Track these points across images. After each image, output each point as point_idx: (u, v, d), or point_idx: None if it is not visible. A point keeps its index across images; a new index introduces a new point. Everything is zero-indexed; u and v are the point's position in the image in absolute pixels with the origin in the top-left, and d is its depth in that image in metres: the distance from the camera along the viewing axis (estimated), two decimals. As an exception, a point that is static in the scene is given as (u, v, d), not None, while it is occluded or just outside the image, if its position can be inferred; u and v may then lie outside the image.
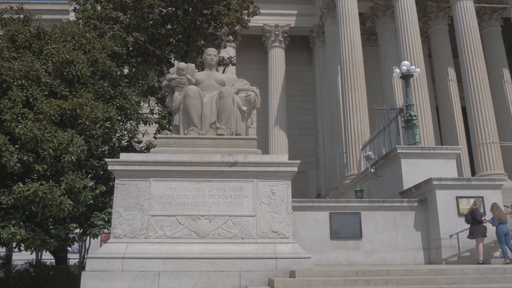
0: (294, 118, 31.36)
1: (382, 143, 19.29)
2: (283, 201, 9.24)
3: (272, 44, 30.84)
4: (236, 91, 10.35)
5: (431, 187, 13.30)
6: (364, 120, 23.55)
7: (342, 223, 13.18)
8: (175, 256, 8.59)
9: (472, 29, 24.94)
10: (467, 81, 24.44)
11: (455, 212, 13.04)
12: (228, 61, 18.47)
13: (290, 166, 9.39)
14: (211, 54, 10.81)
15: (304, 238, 12.78)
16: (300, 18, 31.29)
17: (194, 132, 9.86)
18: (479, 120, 23.61)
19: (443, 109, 26.99)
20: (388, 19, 27.94)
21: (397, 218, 13.46)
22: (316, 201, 14.08)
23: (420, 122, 22.11)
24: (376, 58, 28.89)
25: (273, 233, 9.08)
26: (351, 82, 23.95)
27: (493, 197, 13.18)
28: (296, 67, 32.78)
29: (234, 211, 9.11)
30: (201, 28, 17.22)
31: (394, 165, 15.91)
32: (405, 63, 17.84)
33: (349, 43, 24.55)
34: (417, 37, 24.48)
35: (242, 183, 9.26)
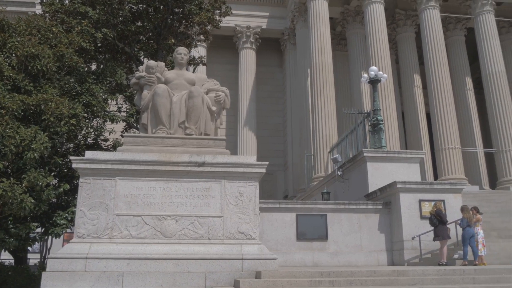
0: (263, 120, 31.48)
1: (349, 146, 19.63)
2: (251, 202, 9.27)
3: (243, 45, 30.88)
4: (206, 91, 10.31)
5: (395, 190, 13.62)
6: (332, 123, 23.87)
7: (308, 225, 13.34)
8: (140, 257, 8.48)
9: (438, 38, 25.70)
10: (432, 88, 25.15)
11: (418, 215, 13.40)
12: (198, 61, 18.36)
13: (258, 167, 9.43)
14: (181, 53, 10.74)
15: (270, 239, 12.85)
16: (271, 20, 31.45)
17: (162, 131, 9.76)
18: (442, 126, 24.33)
19: (409, 114, 27.65)
20: (358, 24, 28.44)
21: (362, 220, 13.72)
22: (283, 203, 14.19)
23: (386, 126, 22.60)
24: (345, 63, 29.34)
25: (240, 234, 9.09)
26: (321, 86, 24.23)
27: (454, 200, 13.61)
28: (267, 69, 32.92)
29: (201, 211, 9.08)
30: (172, 27, 17.05)
31: (360, 168, 16.21)
32: (373, 68, 18.20)
33: (319, 47, 24.84)
34: (385, 43, 25.02)
35: (210, 184, 9.24)
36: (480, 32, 26.87)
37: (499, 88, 25.58)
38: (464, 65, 28.97)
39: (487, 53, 26.34)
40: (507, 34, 30.33)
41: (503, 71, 26.07)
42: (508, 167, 24.51)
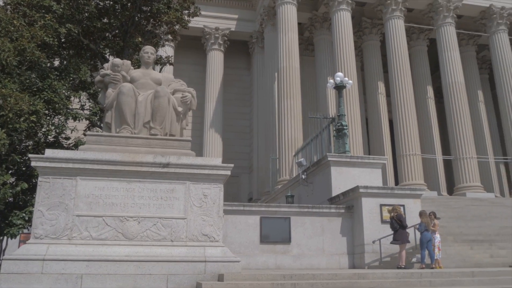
0: (230, 122, 31.46)
1: (314, 150, 19.88)
2: (215, 204, 9.23)
3: (211, 46, 30.78)
4: (172, 91, 10.20)
5: (357, 194, 13.89)
6: (298, 127, 24.11)
7: (272, 228, 13.41)
8: (100, 259, 8.29)
9: (402, 47, 26.44)
10: (395, 95, 25.84)
11: (379, 219, 13.71)
12: (165, 60, 18.16)
13: (223, 170, 9.41)
14: (148, 52, 10.59)
15: (234, 242, 12.84)
16: (240, 23, 31.50)
17: (126, 131, 9.59)
18: (404, 133, 25.02)
19: (372, 120, 28.28)
20: (325, 31, 28.89)
21: (325, 224, 13.92)
22: (248, 205, 14.21)
23: (351, 132, 23.02)
24: (312, 68, 29.71)
25: (203, 236, 9.04)
26: (287, 90, 24.45)
27: (413, 205, 14.01)
28: (235, 71, 32.93)
29: (165, 213, 8.96)
30: (139, 25, 16.81)
31: (324, 172, 16.44)
32: (339, 74, 18.51)
33: (287, 51, 25.07)
34: (351, 50, 25.52)
35: (174, 185, 9.14)
36: (441, 43, 27.84)
37: (458, 98, 26.54)
38: (426, 74, 29.89)
39: (447, 64, 27.30)
40: (466, 46, 31.53)
41: (462, 82, 27.08)
42: (465, 174, 25.44)
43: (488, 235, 16.28)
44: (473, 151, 25.96)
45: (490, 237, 16.14)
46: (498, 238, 16.10)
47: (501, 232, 16.84)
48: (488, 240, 15.72)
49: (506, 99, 27.92)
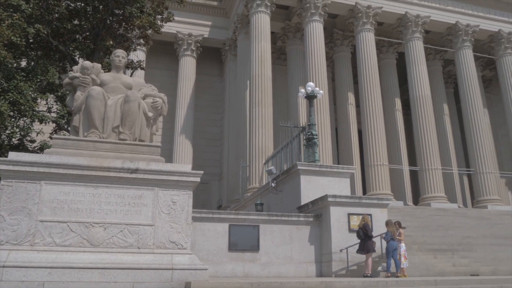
0: (201, 129, 31.31)
1: (284, 158, 19.99)
2: (184, 211, 9.15)
3: (184, 52, 30.63)
4: (143, 96, 10.09)
5: (326, 203, 14.03)
6: (269, 135, 24.22)
7: (241, 235, 13.38)
8: (63, 266, 8.06)
9: (372, 59, 27.03)
10: (364, 106, 26.34)
11: (346, 228, 13.88)
12: (137, 65, 17.95)
13: (193, 176, 9.34)
14: (119, 56, 10.45)
15: (202, 249, 12.74)
16: (214, 30, 31.51)
17: (94, 135, 9.41)
18: (373, 144, 25.50)
19: (342, 130, 28.69)
20: (298, 41, 29.23)
21: (294, 232, 13.98)
22: (217, 213, 14.15)
23: (321, 141, 23.29)
24: (284, 77, 29.96)
25: (171, 243, 8.93)
26: (259, 98, 24.55)
27: (380, 215, 14.26)
28: (207, 78, 32.85)
29: (132, 219, 8.82)
30: (111, 28, 16.58)
31: (294, 181, 16.54)
32: (310, 84, 18.74)
33: (260, 60, 25.21)
34: (323, 61, 25.89)
35: (142, 191, 9.01)
36: (409, 57, 28.62)
37: (425, 111, 27.29)
38: (394, 86, 30.61)
39: (415, 77, 28.07)
40: (433, 61, 32.51)
41: (429, 95, 27.88)
42: (430, 184, 26.11)
43: (451, 245, 16.73)
44: (438, 162, 26.69)
45: (453, 246, 16.60)
46: (461, 248, 16.57)
47: (463, 242, 17.35)
48: (451, 250, 16.16)
49: (470, 113, 28.88)
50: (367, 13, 27.58)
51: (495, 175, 28.66)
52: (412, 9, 29.10)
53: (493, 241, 17.91)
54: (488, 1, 31.39)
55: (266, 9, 26.12)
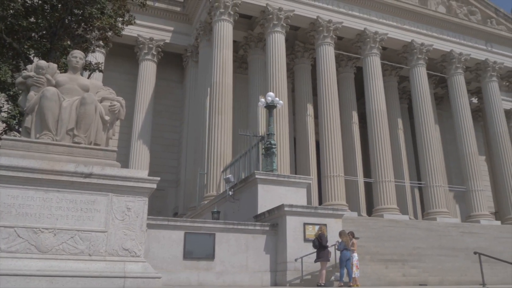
0: (159, 134, 30.87)
1: (242, 167, 20.02)
2: (138, 218, 8.95)
3: (144, 56, 30.18)
4: (100, 99, 9.85)
5: (282, 212, 14.14)
6: (228, 143, 24.17)
7: (196, 244, 13.25)
8: (8, 273, 7.69)
9: (331, 72, 27.64)
10: (322, 118, 26.84)
11: (302, 237, 14.03)
12: (95, 67, 17.51)
13: (149, 183, 9.18)
14: (77, 57, 10.16)
15: (156, 257, 12.51)
16: (176, 35, 31.27)
17: (47, 137, 9.08)
18: (329, 155, 25.98)
19: (300, 141, 29.06)
20: (259, 50, 29.47)
21: (249, 241, 13.98)
22: (172, 220, 13.95)
23: (279, 151, 23.47)
24: (245, 85, 30.08)
25: (124, 250, 8.71)
26: (219, 105, 24.51)
27: (335, 225, 14.51)
28: (167, 83, 32.50)
29: (84, 225, 8.54)
30: (69, 28, 16.11)
31: (251, 190, 16.58)
32: (270, 94, 18.90)
33: (221, 68, 25.21)
34: (283, 71, 26.22)
35: (95, 196, 8.75)
36: (367, 72, 29.49)
37: (380, 125, 28.12)
38: (352, 100, 31.37)
39: (372, 92, 28.92)
40: (389, 77, 33.64)
41: (384, 110, 28.77)
42: (383, 196, 26.85)
43: (402, 255, 17.24)
44: (391, 175, 27.50)
45: (404, 257, 17.11)
46: (411, 258, 17.10)
47: (413, 253, 17.91)
48: (401, 260, 16.64)
49: (422, 128, 30.02)
50: (328, 27, 28.22)
51: (444, 188, 29.85)
52: (371, 26, 30.07)
53: (441, 252, 18.61)
54: (441, 22, 32.90)
55: (229, 17, 26.23)
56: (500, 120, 33.31)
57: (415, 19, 32.00)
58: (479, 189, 30.27)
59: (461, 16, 33.92)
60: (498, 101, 33.94)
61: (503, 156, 32.33)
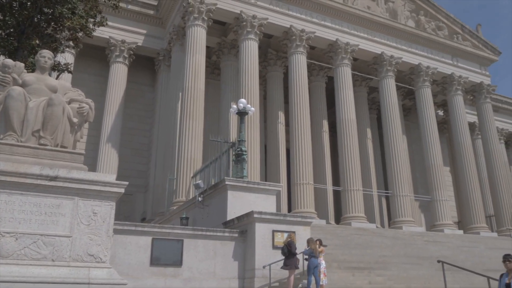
0: (128, 138, 30.39)
1: (212, 173, 19.93)
2: (105, 223, 8.78)
3: (116, 59, 29.71)
4: (68, 101, 9.64)
5: (252, 219, 14.13)
6: (199, 149, 24.03)
7: (164, 250, 13.07)
8: (-35, 278, 7.39)
9: (303, 81, 27.94)
10: (293, 126, 27.05)
11: (270, 244, 14.05)
12: (64, 68, 17.11)
13: (117, 187, 9.02)
14: (45, 57, 9.93)
15: (122, 263, 12.27)
16: (148, 38, 30.97)
17: (12, 138, 8.81)
18: (300, 162, 26.17)
19: (271, 148, 29.16)
20: (232, 57, 29.52)
21: (218, 247, 13.90)
22: (140, 225, 13.72)
23: (250, 157, 23.48)
24: (217, 91, 30.04)
25: (89, 256, 8.51)
26: (191, 110, 24.36)
27: (303, 232, 14.60)
28: (138, 87, 32.10)
29: (48, 230, 8.30)
30: (38, 26, 15.70)
31: (221, 196, 16.51)
32: (242, 100, 18.93)
33: (194, 73, 25.09)
34: (256, 78, 26.33)
35: (61, 200, 8.53)
36: (338, 82, 29.97)
37: (349, 134, 28.57)
38: (322, 109, 31.78)
39: (342, 101, 29.38)
40: (359, 87, 34.27)
41: (354, 119, 29.25)
42: (351, 204, 27.21)
43: (368, 263, 17.49)
44: (359, 184, 27.93)
45: (370, 264, 17.36)
46: (377, 266, 17.37)
47: (379, 261, 18.20)
48: (368, 268, 16.88)
49: (390, 139, 30.66)
50: (300, 37, 28.55)
51: (410, 198, 30.52)
52: (343, 36, 30.61)
53: (406, 260, 18.98)
54: (410, 36, 33.83)
55: (203, 23, 26.19)
56: (464, 133, 34.38)
57: (385, 32, 32.79)
58: (443, 199, 31.10)
59: (429, 31, 34.97)
60: (463, 114, 35.06)
61: (467, 167, 33.36)
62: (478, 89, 37.13)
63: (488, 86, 37.21)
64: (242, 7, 27.24)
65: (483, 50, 37.67)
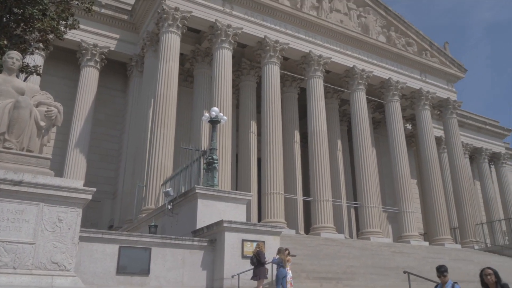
0: (97, 143, 29.82)
1: (183, 181, 19.76)
2: (70, 230, 8.57)
3: (87, 62, 29.17)
4: (36, 104, 9.41)
5: (221, 228, 14.05)
6: (169, 156, 23.80)
7: (131, 258, 12.83)
8: None
9: (275, 91, 28.15)
10: (265, 135, 27.16)
11: (240, 254, 13.99)
12: (33, 70, 16.68)
13: (84, 193, 8.83)
14: (13, 58, 9.69)
15: (88, 272, 11.97)
16: (121, 43, 30.58)
17: (-26, 141, 8.52)
18: (270, 172, 26.26)
19: (242, 157, 29.16)
20: (206, 65, 29.49)
21: (186, 256, 13.75)
22: (107, 233, 13.43)
23: (221, 166, 23.42)
24: (189, 99, 29.90)
25: (53, 264, 8.27)
26: (163, 117, 24.15)
27: (273, 242, 14.61)
28: (109, 92, 31.60)
29: (10, 236, 8.04)
30: (7, 27, 15.28)
31: (191, 204, 16.37)
32: (215, 109, 18.88)
33: (166, 79, 24.92)
34: (229, 87, 26.36)
35: (25, 206, 8.29)
36: (310, 93, 30.33)
37: (320, 145, 28.89)
38: (294, 119, 32.06)
39: (314, 113, 29.73)
40: (331, 99, 34.77)
41: (325, 130, 29.62)
42: (321, 215, 27.43)
43: (337, 273, 17.63)
44: (329, 194, 28.22)
45: (338, 275, 17.50)
46: (345, 276, 17.52)
47: (347, 271, 18.38)
48: (336, 278, 17.01)
49: (360, 150, 31.17)
50: (274, 47, 28.82)
51: (379, 209, 31.04)
52: (316, 49, 31.07)
53: (373, 270, 19.22)
54: (381, 51, 34.65)
55: (177, 30, 26.10)
56: (431, 146, 35.29)
57: (357, 46, 33.48)
58: (410, 211, 31.75)
59: (399, 47, 35.91)
60: (430, 128, 36.02)
61: (433, 180, 34.20)
62: (445, 104, 38.27)
63: (455, 102, 38.42)
64: (217, 16, 27.32)
65: (450, 67, 38.94)
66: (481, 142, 49.05)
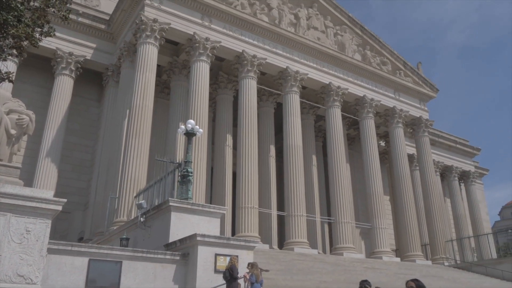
0: (69, 153, 29.23)
1: (156, 193, 19.51)
2: (38, 241, 8.34)
3: (61, 71, 28.67)
4: (7, 111, 9.21)
5: (194, 242, 13.90)
6: (143, 168, 23.51)
7: (101, 272, 12.52)
8: None
9: (252, 106, 28.27)
10: (241, 149, 27.17)
11: (212, 268, 13.84)
12: (5, 76, 16.25)
13: (54, 204, 8.64)
14: (-15, 64, 9.48)
15: (55, 285, 11.62)
16: (98, 53, 30.26)
17: None
18: (245, 186, 26.22)
19: (217, 170, 29.05)
20: (183, 77, 29.43)
21: (158, 270, 13.53)
22: (77, 245, 13.08)
23: (195, 179, 23.26)
24: (165, 111, 29.72)
25: (19, 277, 8.02)
26: (138, 128, 23.90)
27: (246, 256, 14.51)
28: (83, 101, 31.13)
29: (-26, 247, 7.77)
30: (-21, 32, 14.95)
31: (164, 217, 16.16)
32: (191, 121, 18.80)
33: (143, 91, 24.73)
34: (206, 100, 26.34)
35: (-9, 216, 8.04)
36: (286, 108, 30.60)
37: (295, 160, 29.06)
38: (270, 134, 32.21)
39: (290, 128, 29.96)
40: (307, 115, 35.14)
41: (300, 146, 29.84)
42: (294, 230, 27.46)
43: (309, 289, 17.61)
44: (303, 209, 28.32)
45: (310, 291, 17.49)
46: (317, 292, 17.52)
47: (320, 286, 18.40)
48: (308, 294, 16.99)
49: (335, 166, 31.49)
50: (252, 62, 29.03)
51: (352, 225, 31.29)
52: (293, 65, 31.45)
53: (346, 286, 19.29)
54: (357, 69, 35.34)
55: (155, 41, 26.03)
56: (404, 164, 35.96)
57: (333, 63, 34.05)
58: (383, 227, 32.13)
59: (374, 65, 36.70)
60: (403, 146, 36.74)
61: (405, 196, 34.78)
62: (417, 123, 39.15)
63: (427, 120, 39.36)
64: (196, 28, 27.39)
65: (423, 87, 39.96)
66: (452, 160, 50.30)
